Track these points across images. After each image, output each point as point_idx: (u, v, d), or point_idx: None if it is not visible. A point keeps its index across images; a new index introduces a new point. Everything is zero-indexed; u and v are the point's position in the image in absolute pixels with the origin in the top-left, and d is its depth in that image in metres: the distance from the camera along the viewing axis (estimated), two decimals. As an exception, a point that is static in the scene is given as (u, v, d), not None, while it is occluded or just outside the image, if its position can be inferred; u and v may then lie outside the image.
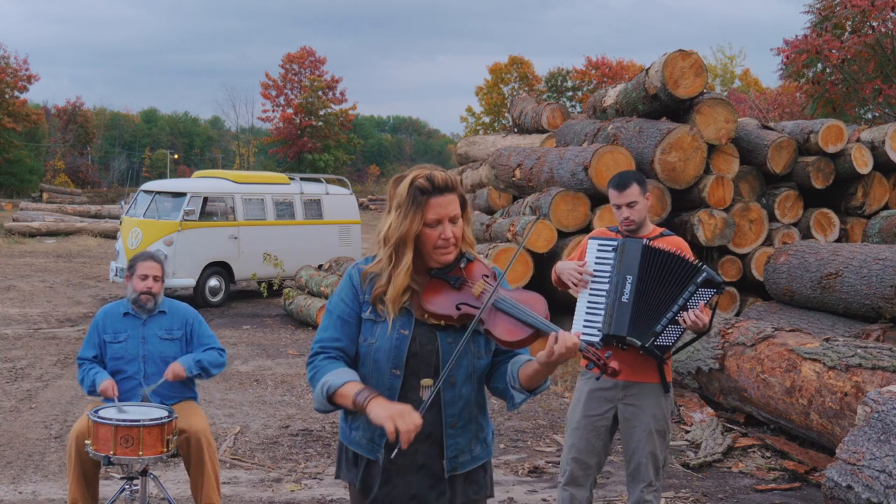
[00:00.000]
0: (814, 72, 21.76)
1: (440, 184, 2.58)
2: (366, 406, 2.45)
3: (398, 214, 2.59)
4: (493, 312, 2.56)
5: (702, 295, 3.88)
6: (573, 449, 4.14)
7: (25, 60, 46.93)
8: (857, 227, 10.01)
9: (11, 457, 6.05)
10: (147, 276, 4.59)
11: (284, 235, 14.28)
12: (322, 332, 2.69)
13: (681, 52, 9.30)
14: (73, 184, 51.36)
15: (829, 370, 5.71)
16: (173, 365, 4.52)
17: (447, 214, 2.58)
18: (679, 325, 3.90)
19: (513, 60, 56.93)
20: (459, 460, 2.68)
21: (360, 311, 2.67)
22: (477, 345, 2.65)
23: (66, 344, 10.25)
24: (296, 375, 8.90)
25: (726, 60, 49.01)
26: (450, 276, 2.64)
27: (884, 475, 4.01)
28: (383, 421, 2.39)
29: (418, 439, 2.56)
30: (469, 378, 2.65)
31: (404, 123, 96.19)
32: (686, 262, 3.91)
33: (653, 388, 4.05)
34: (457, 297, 2.60)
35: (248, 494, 5.41)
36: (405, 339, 2.60)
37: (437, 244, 2.59)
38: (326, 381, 2.54)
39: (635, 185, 4.07)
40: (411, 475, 2.65)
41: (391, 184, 2.67)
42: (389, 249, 2.60)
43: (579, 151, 9.60)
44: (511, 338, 2.54)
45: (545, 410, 7.50)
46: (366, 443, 2.68)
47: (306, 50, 57.70)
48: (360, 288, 2.68)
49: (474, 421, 2.71)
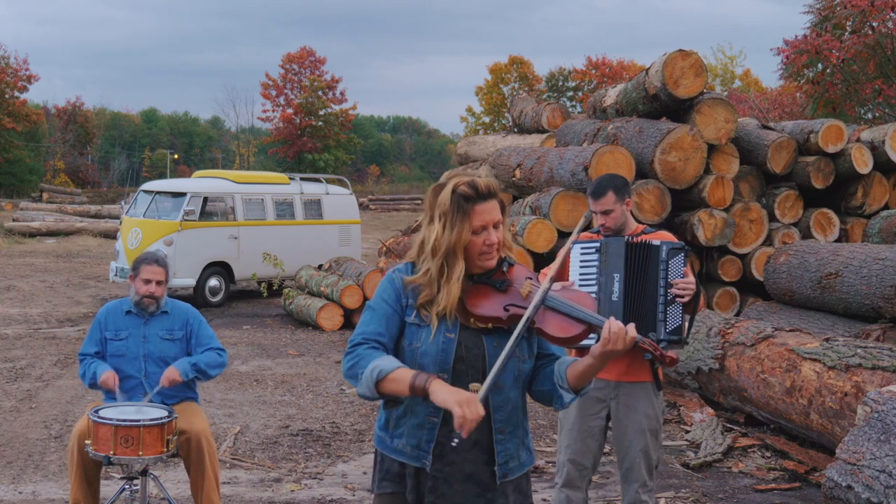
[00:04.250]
0: (814, 72, 21.75)
1: (483, 190, 2.58)
2: (428, 387, 2.41)
3: (444, 224, 2.57)
4: (543, 311, 2.57)
5: (675, 264, 3.93)
6: (568, 450, 4.13)
7: (25, 60, 47.04)
8: (857, 227, 10.01)
9: (11, 457, 6.05)
10: (150, 280, 4.59)
11: (284, 235, 14.27)
12: (365, 326, 2.64)
13: (681, 52, 9.30)
14: (73, 184, 51.29)
15: (829, 370, 5.71)
16: (168, 370, 4.50)
17: (492, 220, 2.58)
18: (676, 304, 3.92)
19: (513, 60, 56.91)
20: (510, 466, 2.65)
21: (402, 314, 2.64)
22: (521, 349, 2.64)
23: (66, 344, 10.25)
24: (296, 375, 8.90)
25: (727, 60, 49.01)
26: (494, 279, 2.64)
27: (884, 475, 4.01)
28: (451, 405, 2.36)
29: (465, 447, 2.56)
30: (515, 382, 2.64)
31: (404, 123, 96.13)
32: (646, 244, 3.95)
33: (645, 387, 4.05)
34: (504, 300, 2.60)
35: (248, 494, 5.41)
36: (451, 343, 2.58)
37: (482, 250, 2.59)
38: (377, 366, 2.48)
39: (611, 192, 4.05)
40: (458, 484, 2.61)
41: (430, 193, 2.66)
42: (439, 260, 2.58)
43: (579, 151, 9.60)
44: (564, 334, 2.54)
45: (545, 411, 7.50)
46: (410, 450, 2.63)
47: (306, 50, 57.68)
48: (403, 292, 2.65)
49: (521, 426, 2.69)
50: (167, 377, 4.48)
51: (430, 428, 2.61)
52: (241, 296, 14.83)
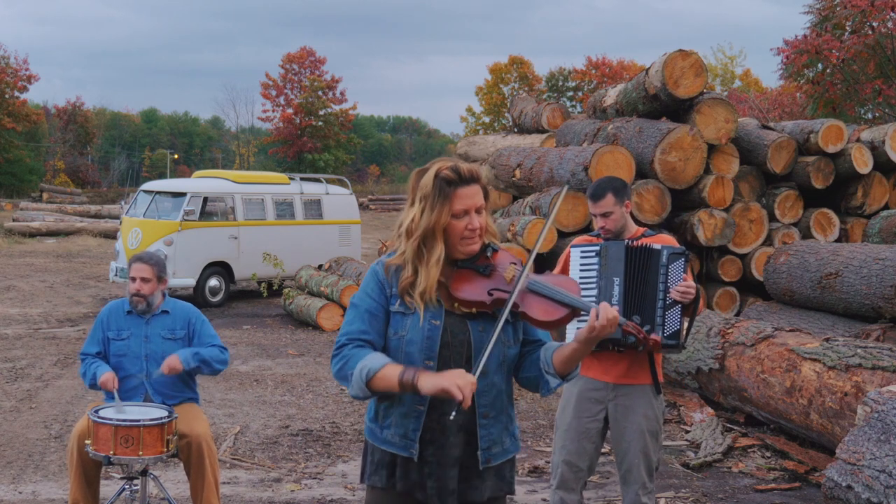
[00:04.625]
0: (814, 72, 21.76)
1: (466, 175, 2.60)
2: (416, 381, 2.45)
3: (423, 206, 2.59)
4: (527, 295, 2.58)
5: (675, 269, 3.92)
6: (564, 451, 4.10)
7: (25, 60, 47.02)
8: (857, 227, 10.01)
9: (11, 457, 6.05)
10: (136, 278, 4.59)
11: (284, 235, 14.27)
12: (348, 326, 2.66)
13: (681, 53, 9.31)
14: (73, 184, 51.27)
15: (829, 370, 5.71)
16: (170, 358, 4.48)
17: (474, 205, 2.60)
18: (675, 307, 3.92)
19: (513, 60, 56.90)
20: (492, 451, 2.67)
21: (387, 305, 2.66)
22: (506, 334, 2.66)
23: (66, 344, 10.25)
24: (296, 375, 8.90)
25: (727, 60, 49.02)
26: (478, 264, 2.65)
27: (884, 475, 4.01)
28: (443, 384, 2.40)
29: (452, 431, 2.59)
30: (500, 367, 2.66)
31: (404, 123, 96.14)
32: (646, 248, 3.95)
33: (644, 390, 4.03)
34: (488, 284, 2.62)
35: (248, 494, 5.42)
36: (437, 330, 2.61)
37: (464, 235, 2.60)
38: (365, 365, 2.52)
39: (610, 195, 4.04)
40: (448, 469, 2.63)
41: (413, 177, 2.68)
42: (415, 242, 2.61)
43: (579, 151, 9.61)
44: (548, 317, 2.56)
45: (545, 410, 7.50)
46: (399, 440, 2.66)
47: (306, 50, 57.68)
48: (386, 281, 2.67)
49: (505, 412, 2.71)
50: (168, 364, 4.47)
51: (416, 416, 2.63)
52: (241, 296, 14.83)
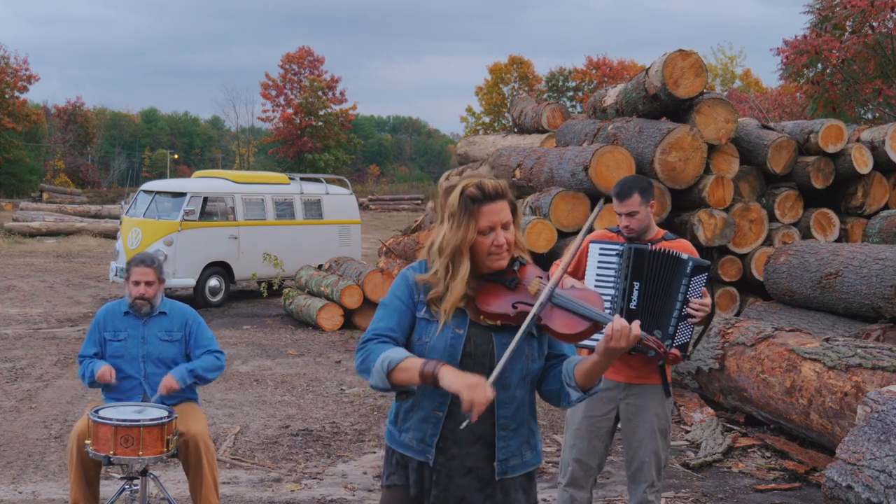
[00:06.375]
0: (814, 72, 21.76)
1: (490, 191, 2.62)
2: (437, 373, 2.48)
3: (451, 224, 2.62)
4: (550, 308, 2.60)
5: (697, 282, 3.90)
6: (574, 449, 4.12)
7: (25, 60, 47.04)
8: (857, 227, 10.01)
9: (11, 457, 6.05)
10: (139, 282, 4.59)
11: (284, 235, 14.28)
12: (377, 323, 2.70)
13: (681, 53, 9.30)
14: (73, 184, 51.26)
15: (829, 370, 5.71)
16: (165, 379, 4.50)
17: (499, 221, 2.62)
18: (687, 321, 3.89)
19: (513, 60, 56.89)
20: (510, 464, 2.68)
21: (414, 310, 2.69)
22: (531, 347, 2.68)
23: (66, 344, 10.25)
24: (296, 375, 8.90)
25: (727, 60, 49.02)
26: (504, 278, 2.68)
27: (884, 475, 4.01)
28: (459, 389, 2.42)
29: (468, 441, 2.62)
30: (523, 380, 2.67)
31: (404, 123, 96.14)
32: (673, 256, 3.91)
33: (654, 390, 4.05)
34: (513, 297, 2.65)
35: (248, 494, 5.42)
36: (460, 339, 2.63)
37: (491, 251, 2.63)
38: (387, 357, 2.55)
39: (637, 194, 4.02)
40: (460, 478, 2.66)
41: (441, 195, 2.72)
42: (446, 260, 2.63)
43: (579, 151, 9.60)
44: (569, 330, 2.57)
45: (545, 410, 7.50)
46: (416, 444, 2.68)
47: (305, 50, 57.67)
48: (415, 287, 2.71)
49: (526, 425, 2.72)
50: (165, 385, 4.47)
51: (434, 422, 2.65)
52: (241, 296, 14.83)
